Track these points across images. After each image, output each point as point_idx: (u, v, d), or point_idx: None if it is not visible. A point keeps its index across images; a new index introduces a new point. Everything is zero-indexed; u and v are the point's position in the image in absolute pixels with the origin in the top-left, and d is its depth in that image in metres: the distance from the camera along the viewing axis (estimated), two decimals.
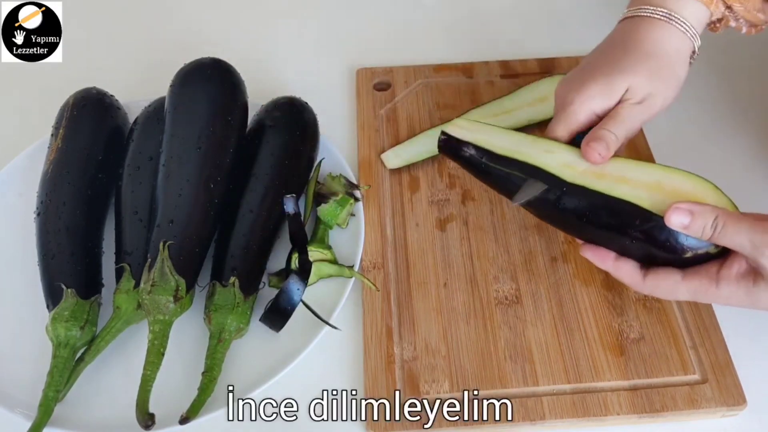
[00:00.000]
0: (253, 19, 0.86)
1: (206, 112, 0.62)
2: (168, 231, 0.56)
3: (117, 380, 0.55)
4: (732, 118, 0.72)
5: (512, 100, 0.70)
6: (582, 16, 0.84)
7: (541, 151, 0.52)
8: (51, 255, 0.57)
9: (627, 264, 0.49)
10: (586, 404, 0.52)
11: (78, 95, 0.66)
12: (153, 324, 0.53)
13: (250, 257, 0.57)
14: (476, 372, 0.54)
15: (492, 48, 0.79)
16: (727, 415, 0.53)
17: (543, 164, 0.51)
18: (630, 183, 0.48)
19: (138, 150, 0.63)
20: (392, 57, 0.78)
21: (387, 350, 0.56)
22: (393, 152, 0.68)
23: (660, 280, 0.48)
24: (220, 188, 0.59)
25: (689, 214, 0.45)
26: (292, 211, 0.56)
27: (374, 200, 0.65)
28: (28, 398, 0.53)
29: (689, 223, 0.45)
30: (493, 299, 0.58)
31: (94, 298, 0.56)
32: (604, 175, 0.50)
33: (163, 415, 0.51)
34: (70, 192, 0.60)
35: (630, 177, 0.49)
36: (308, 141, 0.65)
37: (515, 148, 0.53)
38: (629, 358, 0.54)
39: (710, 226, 0.45)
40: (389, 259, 0.61)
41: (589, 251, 0.50)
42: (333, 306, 0.58)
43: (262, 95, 0.68)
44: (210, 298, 0.56)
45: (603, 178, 0.49)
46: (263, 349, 0.56)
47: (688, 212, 0.45)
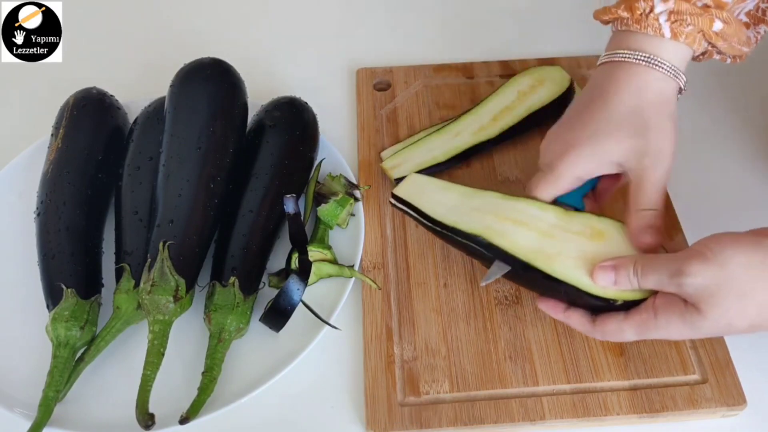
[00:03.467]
0: (253, 19, 0.86)
1: (206, 112, 0.62)
2: (168, 231, 0.56)
3: (117, 380, 0.55)
4: (731, 118, 0.72)
5: None
6: (582, 16, 0.84)
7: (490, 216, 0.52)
8: (51, 255, 0.57)
9: (576, 313, 0.50)
10: (586, 404, 0.52)
11: (78, 95, 0.66)
12: (153, 324, 0.53)
13: (250, 257, 0.57)
14: (476, 372, 0.54)
15: (492, 48, 0.79)
16: (727, 415, 0.53)
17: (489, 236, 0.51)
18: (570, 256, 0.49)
19: (138, 150, 0.63)
20: (392, 57, 0.78)
21: (387, 350, 0.56)
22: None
23: (606, 324, 0.49)
24: (220, 188, 0.59)
25: (612, 270, 0.48)
26: (292, 211, 0.56)
27: (374, 200, 0.65)
28: (28, 398, 0.53)
29: (615, 278, 0.47)
30: (493, 299, 0.58)
31: (94, 298, 0.56)
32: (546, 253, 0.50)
33: (163, 415, 0.51)
34: (70, 192, 0.60)
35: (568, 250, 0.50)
36: (308, 141, 0.65)
37: (457, 214, 0.53)
38: (629, 358, 0.54)
39: (633, 274, 0.47)
40: (389, 259, 0.61)
41: (542, 304, 0.52)
42: (333, 306, 0.58)
43: (262, 95, 0.68)
44: (210, 298, 0.56)
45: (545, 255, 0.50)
46: (263, 349, 0.56)
47: (611, 269, 0.48)
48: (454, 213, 0.54)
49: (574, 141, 0.52)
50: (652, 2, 0.52)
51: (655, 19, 0.51)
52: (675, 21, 0.51)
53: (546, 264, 0.49)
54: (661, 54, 0.52)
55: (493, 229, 0.51)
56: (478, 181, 0.66)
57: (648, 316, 0.47)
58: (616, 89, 0.52)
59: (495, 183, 0.66)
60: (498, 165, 0.67)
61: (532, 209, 0.52)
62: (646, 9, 0.52)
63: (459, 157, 0.66)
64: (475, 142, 0.66)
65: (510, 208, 0.52)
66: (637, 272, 0.47)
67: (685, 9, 0.51)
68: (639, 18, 0.52)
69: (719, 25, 0.51)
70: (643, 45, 0.52)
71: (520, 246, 0.50)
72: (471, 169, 0.67)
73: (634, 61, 0.52)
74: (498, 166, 0.67)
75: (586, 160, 0.52)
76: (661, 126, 0.51)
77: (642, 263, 0.47)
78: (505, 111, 0.68)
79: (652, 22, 0.52)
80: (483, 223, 0.52)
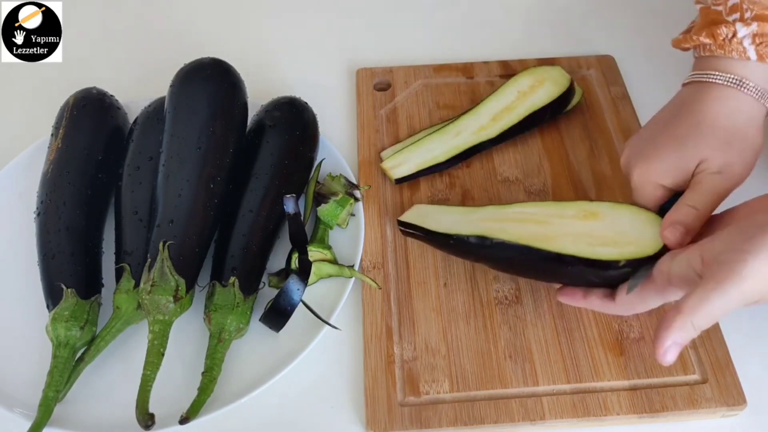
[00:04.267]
0: (253, 19, 0.86)
1: (206, 112, 0.62)
2: (168, 231, 0.56)
3: (117, 380, 0.55)
4: None
5: None
6: (581, 15, 0.84)
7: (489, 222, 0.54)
8: (51, 255, 0.57)
9: (595, 295, 0.50)
10: (586, 404, 0.52)
11: (78, 95, 0.66)
12: (153, 324, 0.53)
13: (250, 257, 0.57)
14: (476, 372, 0.54)
15: (492, 48, 0.79)
16: (727, 415, 0.53)
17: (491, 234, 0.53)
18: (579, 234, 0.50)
19: (138, 150, 0.63)
20: (392, 57, 0.78)
21: (387, 350, 0.56)
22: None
23: (629, 295, 0.48)
24: (220, 188, 0.59)
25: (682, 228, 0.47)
26: (292, 211, 0.56)
27: (374, 200, 0.65)
28: (28, 398, 0.53)
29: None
30: (493, 299, 0.58)
31: (94, 298, 0.56)
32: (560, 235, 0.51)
33: (163, 415, 0.51)
34: (70, 192, 0.60)
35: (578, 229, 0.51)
36: (308, 141, 0.65)
37: (460, 226, 0.55)
38: (629, 358, 0.54)
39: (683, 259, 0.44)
40: (389, 259, 0.61)
41: (562, 297, 0.52)
42: (333, 306, 0.58)
43: (262, 95, 0.68)
44: (210, 298, 0.56)
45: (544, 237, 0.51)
46: (263, 349, 0.56)
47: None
48: (457, 226, 0.55)
49: (655, 157, 0.51)
50: (734, 27, 0.52)
51: (739, 43, 0.52)
52: (760, 43, 0.51)
53: (546, 244, 0.50)
54: (750, 77, 0.52)
55: (494, 229, 0.53)
56: (478, 181, 0.66)
57: (661, 276, 0.45)
58: (706, 108, 0.52)
59: (495, 183, 0.66)
60: (498, 165, 0.68)
61: (528, 208, 0.54)
62: (728, 34, 0.52)
63: (459, 157, 0.66)
64: (475, 142, 0.66)
65: (508, 211, 0.55)
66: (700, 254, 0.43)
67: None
68: (722, 44, 0.52)
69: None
70: (730, 68, 0.52)
71: (519, 236, 0.51)
72: (471, 169, 0.67)
73: (724, 84, 0.52)
74: (498, 166, 0.67)
75: (669, 172, 0.51)
76: (746, 147, 0.51)
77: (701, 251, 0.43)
78: (505, 111, 0.68)
79: (737, 47, 0.52)
80: (484, 226, 0.54)
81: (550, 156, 0.68)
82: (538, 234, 0.51)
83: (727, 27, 0.52)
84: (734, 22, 0.52)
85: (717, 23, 0.53)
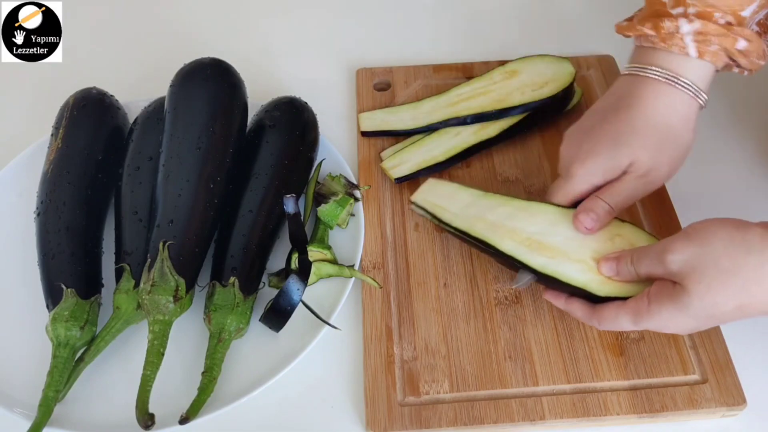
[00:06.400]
0: (253, 19, 0.86)
1: (206, 112, 0.62)
2: (168, 231, 0.56)
3: (117, 380, 0.55)
4: (732, 117, 0.72)
5: None
6: (581, 16, 0.84)
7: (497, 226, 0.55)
8: (51, 255, 0.57)
9: (577, 302, 0.52)
10: (585, 404, 0.52)
11: (78, 95, 0.66)
12: (153, 324, 0.53)
13: (249, 257, 0.57)
14: (476, 372, 0.54)
15: (492, 48, 0.79)
16: (727, 415, 0.53)
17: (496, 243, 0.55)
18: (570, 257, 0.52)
19: (138, 150, 0.63)
20: (392, 57, 0.78)
21: (387, 350, 0.56)
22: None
23: (603, 311, 0.50)
24: (220, 188, 0.59)
25: (614, 261, 0.50)
26: (292, 211, 0.56)
27: (374, 200, 0.65)
28: (28, 398, 0.53)
29: (617, 268, 0.50)
30: (493, 299, 0.58)
31: (94, 298, 0.56)
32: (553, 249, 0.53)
33: (163, 415, 0.51)
34: (70, 192, 0.60)
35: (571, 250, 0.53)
36: (308, 141, 0.65)
37: (467, 218, 0.57)
38: (629, 358, 0.54)
39: (629, 263, 0.49)
40: (389, 260, 0.61)
41: (548, 294, 0.54)
42: (333, 306, 0.58)
43: (262, 95, 0.68)
44: (210, 298, 0.56)
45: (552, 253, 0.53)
46: (263, 349, 0.56)
47: (613, 260, 0.50)
48: (465, 216, 0.57)
49: (593, 151, 0.53)
50: (678, 22, 0.52)
51: (681, 38, 0.52)
52: (702, 41, 0.52)
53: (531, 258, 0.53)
54: (686, 74, 0.53)
55: (494, 238, 0.55)
56: (478, 181, 0.66)
57: (642, 303, 0.48)
58: (642, 104, 0.53)
59: (495, 183, 0.66)
60: (498, 165, 0.68)
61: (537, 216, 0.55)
62: (671, 28, 0.53)
63: (458, 157, 0.66)
64: (475, 142, 0.67)
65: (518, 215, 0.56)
66: (633, 260, 0.49)
67: (711, 30, 0.52)
68: (665, 36, 0.53)
69: (743, 44, 0.52)
70: (668, 63, 0.53)
71: (516, 251, 0.53)
72: (471, 169, 0.67)
73: (660, 80, 0.53)
74: (498, 166, 0.67)
75: (604, 169, 0.53)
76: (677, 148, 0.54)
77: (636, 251, 0.49)
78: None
79: (678, 42, 0.52)
80: (490, 230, 0.55)
81: (550, 156, 0.68)
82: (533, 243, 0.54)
83: (671, 21, 0.53)
84: (678, 16, 0.53)
85: (661, 15, 0.54)
